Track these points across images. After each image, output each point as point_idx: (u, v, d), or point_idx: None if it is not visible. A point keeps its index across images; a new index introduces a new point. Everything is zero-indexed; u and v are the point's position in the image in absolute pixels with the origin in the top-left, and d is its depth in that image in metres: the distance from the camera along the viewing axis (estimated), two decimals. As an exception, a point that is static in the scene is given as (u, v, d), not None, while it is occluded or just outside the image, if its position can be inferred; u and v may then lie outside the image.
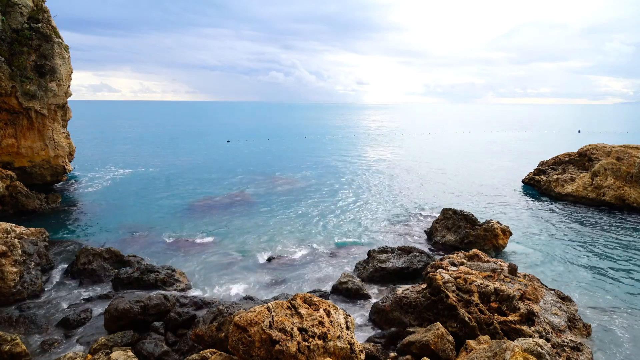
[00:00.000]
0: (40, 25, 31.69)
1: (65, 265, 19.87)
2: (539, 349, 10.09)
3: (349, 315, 11.72)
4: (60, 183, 37.09)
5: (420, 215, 29.91)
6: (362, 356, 10.65)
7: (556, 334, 12.98)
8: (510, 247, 23.22)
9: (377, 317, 15.20)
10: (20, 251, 17.95)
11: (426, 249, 22.60)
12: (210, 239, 24.42)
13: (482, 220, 24.52)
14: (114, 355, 11.76)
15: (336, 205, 32.61)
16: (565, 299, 15.69)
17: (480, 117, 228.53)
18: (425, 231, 26.00)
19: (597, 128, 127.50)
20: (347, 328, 11.10)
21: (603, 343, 14.13)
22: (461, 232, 23.46)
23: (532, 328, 12.81)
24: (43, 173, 34.43)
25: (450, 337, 12.52)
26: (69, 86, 34.48)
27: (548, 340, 12.41)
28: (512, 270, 15.97)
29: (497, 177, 44.75)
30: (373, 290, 18.24)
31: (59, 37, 33.44)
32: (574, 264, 21.18)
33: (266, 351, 9.76)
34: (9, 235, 18.32)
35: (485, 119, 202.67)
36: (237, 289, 18.27)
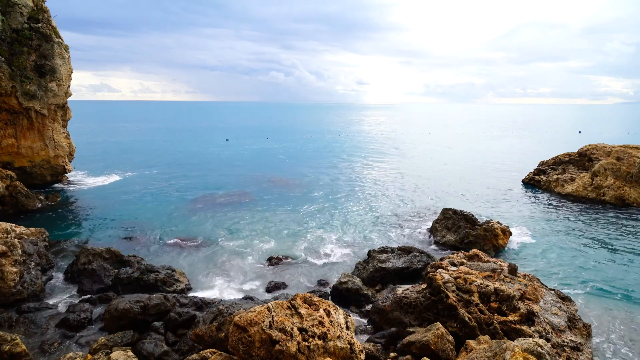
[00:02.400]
0: (40, 25, 31.70)
1: (65, 265, 19.87)
2: (539, 349, 10.09)
3: (349, 315, 11.72)
4: (61, 183, 37.08)
5: (420, 215, 29.91)
6: (362, 356, 10.65)
7: (556, 334, 12.98)
8: (510, 247, 23.23)
9: (377, 317, 15.20)
10: (20, 251, 17.95)
11: (426, 249, 22.60)
12: (210, 239, 24.41)
13: (482, 220, 24.52)
14: (114, 355, 11.76)
15: (336, 205, 32.60)
16: (565, 299, 15.69)
17: (480, 117, 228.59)
18: (425, 231, 26.00)
19: (597, 128, 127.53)
20: (347, 328, 11.10)
21: (603, 343, 14.14)
22: (461, 232, 23.46)
23: (532, 328, 12.81)
24: (43, 173, 34.44)
25: (450, 337, 12.51)
26: (69, 86, 34.48)
27: (548, 340, 12.40)
28: (512, 270, 15.97)
29: (497, 177, 44.75)
30: (373, 290, 18.23)
31: (59, 37, 33.45)
32: (574, 263, 21.18)
33: (266, 351, 9.76)
34: (9, 235, 18.32)
35: (485, 119, 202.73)
36: (237, 289, 18.28)
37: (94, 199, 33.53)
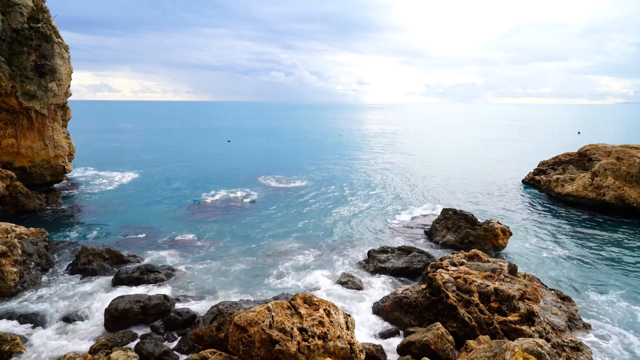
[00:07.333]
0: (40, 25, 31.68)
1: (65, 266, 19.86)
2: (539, 348, 10.09)
3: (349, 315, 11.72)
4: (60, 183, 37.07)
5: (420, 215, 29.90)
6: (362, 356, 10.65)
7: (556, 334, 12.98)
8: (510, 247, 23.22)
9: (377, 317, 15.20)
10: (20, 251, 17.95)
11: (426, 249, 22.58)
12: (210, 239, 24.41)
13: (482, 220, 24.51)
14: (114, 355, 11.76)
15: (336, 205, 32.59)
16: (565, 299, 15.70)
17: (480, 117, 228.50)
18: (425, 231, 25.99)
19: (597, 128, 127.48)
20: (347, 328, 11.10)
21: (603, 343, 14.13)
22: (461, 232, 23.46)
23: (532, 328, 12.81)
24: (43, 173, 34.41)
25: (450, 337, 12.52)
26: (69, 86, 34.46)
27: (548, 340, 12.40)
28: (512, 270, 15.97)
29: (497, 177, 44.74)
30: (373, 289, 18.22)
31: (59, 37, 33.43)
32: (574, 263, 21.18)
33: (266, 351, 9.76)
34: (9, 235, 18.33)
35: (485, 119, 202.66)
36: (237, 289, 18.26)
37: (94, 198, 33.53)
